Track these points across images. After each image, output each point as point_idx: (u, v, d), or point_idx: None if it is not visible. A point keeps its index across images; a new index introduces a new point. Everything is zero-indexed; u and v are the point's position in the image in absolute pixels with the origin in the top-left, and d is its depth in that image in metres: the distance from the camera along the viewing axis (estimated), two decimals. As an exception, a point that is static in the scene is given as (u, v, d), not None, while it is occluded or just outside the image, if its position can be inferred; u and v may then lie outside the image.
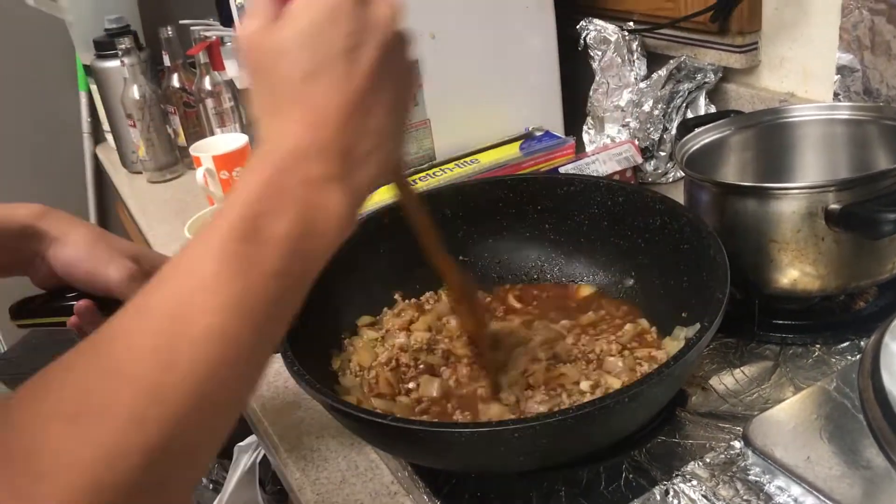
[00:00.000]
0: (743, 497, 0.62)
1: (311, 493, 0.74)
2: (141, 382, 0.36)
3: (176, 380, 0.37)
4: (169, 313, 0.39)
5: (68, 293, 0.70)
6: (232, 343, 0.39)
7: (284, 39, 0.46)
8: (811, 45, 1.09)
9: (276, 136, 0.46)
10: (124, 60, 1.51)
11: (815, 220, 0.75)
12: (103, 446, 0.34)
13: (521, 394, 0.74)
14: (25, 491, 0.33)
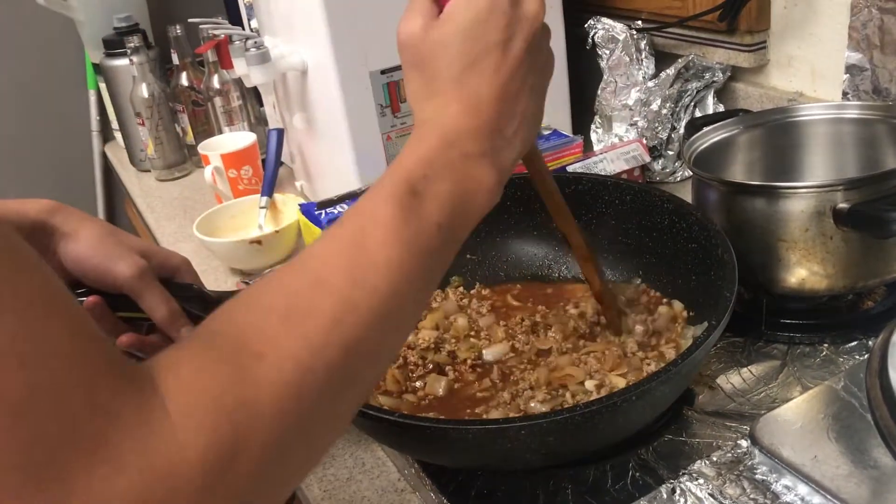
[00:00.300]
0: (750, 496, 0.62)
1: (317, 489, 0.75)
2: (338, 292, 0.43)
3: (364, 295, 0.43)
4: (354, 242, 0.45)
5: (78, 289, 0.71)
6: (405, 273, 0.45)
7: (446, 34, 0.52)
8: (820, 44, 1.09)
9: (436, 117, 0.52)
10: (133, 59, 1.52)
11: (824, 220, 0.75)
12: (309, 338, 0.40)
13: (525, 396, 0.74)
14: (249, 367, 0.38)
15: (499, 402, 0.74)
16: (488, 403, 0.75)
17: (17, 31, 1.96)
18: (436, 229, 0.48)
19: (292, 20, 1.19)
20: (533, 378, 0.76)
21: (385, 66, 1.13)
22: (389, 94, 1.15)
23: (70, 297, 0.34)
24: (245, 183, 1.35)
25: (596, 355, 0.77)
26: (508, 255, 0.94)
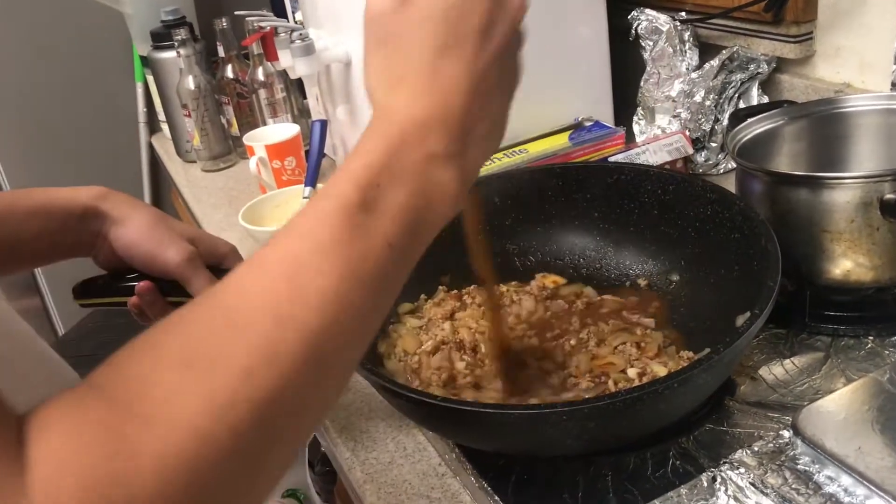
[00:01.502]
0: (791, 486, 0.62)
1: (360, 473, 0.76)
2: (255, 337, 0.37)
3: (289, 337, 0.37)
4: (285, 273, 0.39)
5: (129, 274, 0.73)
6: (345, 306, 0.40)
7: (423, 12, 0.47)
8: (869, 34, 1.07)
9: (399, 107, 0.46)
10: (180, 51, 1.54)
11: (870, 210, 0.75)
12: (212, 396, 0.34)
13: (566, 383, 0.75)
14: (131, 435, 0.32)
15: (542, 387, 0.74)
16: (530, 390, 0.75)
17: (67, 25, 2.01)
18: (387, 250, 0.42)
19: (336, 12, 1.21)
20: (574, 366, 0.76)
21: (428, 58, 1.14)
22: (432, 85, 1.16)
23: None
24: (289, 174, 1.37)
25: (634, 343, 0.77)
26: (549, 245, 0.94)
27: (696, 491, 0.63)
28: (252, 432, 0.35)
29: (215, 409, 0.34)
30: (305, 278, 0.39)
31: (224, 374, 0.35)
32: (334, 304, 0.39)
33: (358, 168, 0.44)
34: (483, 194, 0.92)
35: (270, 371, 0.36)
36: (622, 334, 0.80)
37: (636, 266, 0.90)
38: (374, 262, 0.41)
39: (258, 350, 0.36)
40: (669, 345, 0.78)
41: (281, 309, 0.38)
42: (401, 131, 0.45)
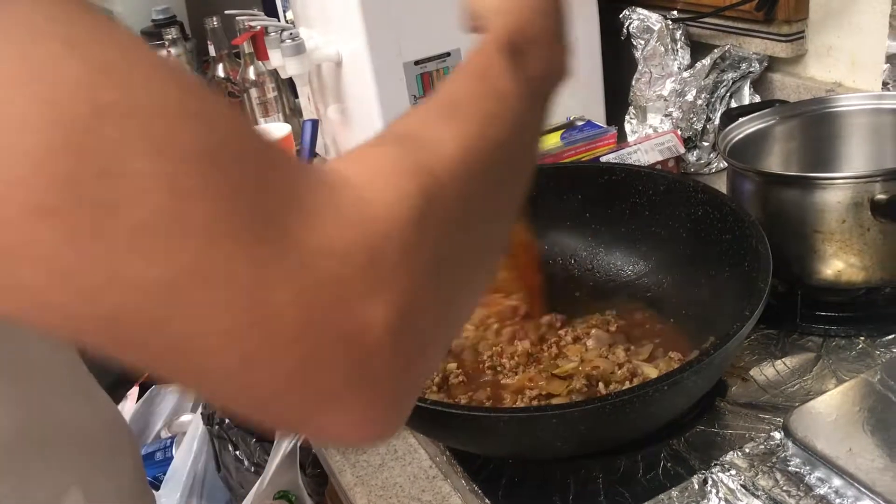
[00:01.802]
0: (782, 487, 0.62)
1: (350, 475, 0.76)
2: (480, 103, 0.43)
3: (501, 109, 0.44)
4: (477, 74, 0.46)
5: None
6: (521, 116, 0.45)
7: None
8: (860, 33, 1.07)
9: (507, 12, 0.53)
10: (171, 51, 1.54)
11: (861, 211, 0.74)
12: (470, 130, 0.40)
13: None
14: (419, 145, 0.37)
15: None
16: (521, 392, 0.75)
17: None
18: (536, 84, 0.49)
19: (327, 11, 1.20)
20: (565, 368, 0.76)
21: (419, 57, 1.14)
22: (423, 84, 1.15)
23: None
24: (280, 173, 1.36)
25: (624, 347, 0.77)
26: (540, 246, 0.94)
27: (688, 493, 0.63)
28: (496, 165, 0.41)
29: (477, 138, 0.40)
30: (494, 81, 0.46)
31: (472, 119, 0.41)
32: (514, 108, 0.45)
33: (502, 32, 0.50)
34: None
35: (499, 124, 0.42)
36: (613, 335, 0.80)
37: (627, 267, 0.90)
38: (528, 89, 0.47)
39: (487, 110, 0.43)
40: (660, 346, 0.78)
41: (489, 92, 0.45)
42: (519, 15, 0.52)
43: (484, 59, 0.48)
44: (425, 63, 1.14)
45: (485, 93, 0.45)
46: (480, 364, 0.80)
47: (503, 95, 0.45)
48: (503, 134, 0.43)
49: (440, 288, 0.34)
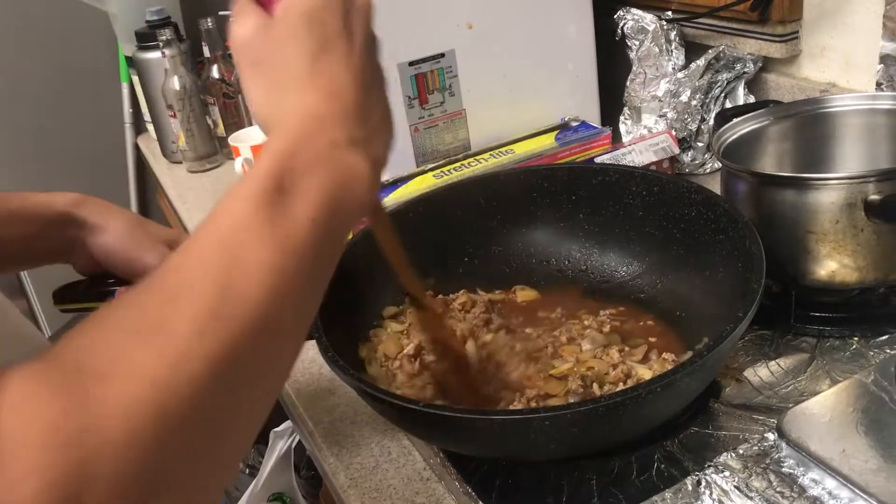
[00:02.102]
0: (776, 489, 0.62)
1: (344, 477, 0.75)
2: (199, 304, 0.37)
3: (234, 303, 0.38)
4: (218, 250, 0.40)
5: (109, 279, 0.72)
6: (284, 275, 0.41)
7: (288, 27, 0.50)
8: (853, 33, 1.07)
9: (294, 110, 0.48)
10: (165, 52, 1.53)
11: (855, 211, 0.74)
12: (165, 354, 0.35)
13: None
14: (91, 389, 0.32)
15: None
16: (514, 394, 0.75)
17: (50, 25, 1.99)
18: (311, 226, 0.43)
19: (321, 12, 1.20)
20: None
21: (413, 58, 1.14)
22: (417, 85, 1.15)
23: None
24: (274, 174, 1.36)
25: (618, 348, 0.77)
26: (534, 247, 0.94)
27: (681, 495, 0.63)
28: (211, 386, 0.35)
29: (170, 363, 0.34)
30: (240, 253, 0.40)
31: (174, 336, 0.36)
32: (273, 273, 0.40)
33: (268, 160, 0.45)
34: (468, 195, 0.92)
35: (220, 332, 0.37)
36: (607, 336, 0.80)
37: (621, 267, 0.90)
38: (302, 236, 0.42)
39: (204, 314, 0.37)
40: (654, 347, 0.78)
41: (221, 278, 0.38)
42: (300, 125, 0.47)
43: (237, 212, 0.42)
44: (420, 64, 1.14)
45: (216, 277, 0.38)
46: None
47: (248, 272, 0.39)
48: (226, 342, 0.36)
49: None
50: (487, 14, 1.17)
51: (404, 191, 1.10)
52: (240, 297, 0.38)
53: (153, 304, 0.37)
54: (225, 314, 0.37)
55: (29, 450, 0.29)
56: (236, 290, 0.38)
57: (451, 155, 1.21)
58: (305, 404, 0.86)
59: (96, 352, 0.35)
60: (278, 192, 0.43)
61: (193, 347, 0.35)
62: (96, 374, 0.33)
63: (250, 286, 0.39)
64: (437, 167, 1.16)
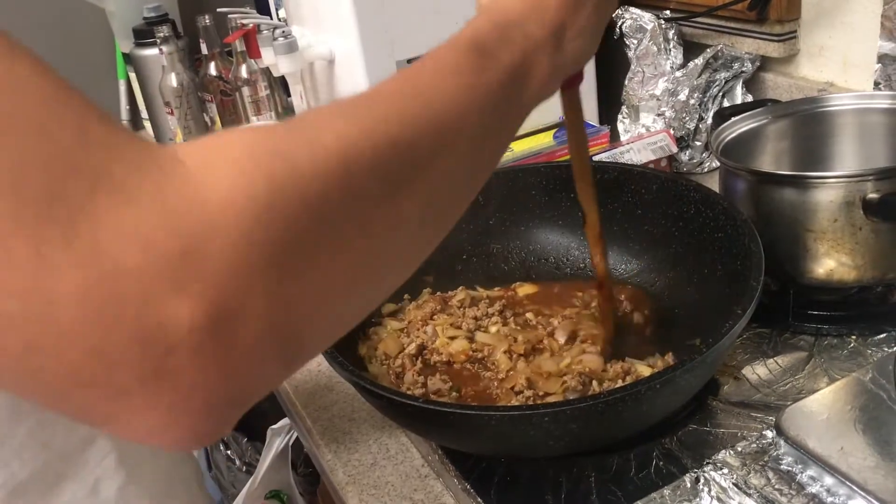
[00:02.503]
0: (775, 486, 0.62)
1: (342, 474, 0.75)
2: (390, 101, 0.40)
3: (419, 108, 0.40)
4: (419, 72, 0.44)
5: None
6: (467, 107, 0.43)
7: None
8: (852, 33, 1.07)
9: (501, 6, 0.51)
10: (162, 49, 1.53)
11: (853, 210, 0.75)
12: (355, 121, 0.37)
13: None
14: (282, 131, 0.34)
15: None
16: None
17: (47, 21, 1.98)
18: (496, 85, 0.46)
19: (320, 9, 1.20)
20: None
21: (411, 55, 1.14)
22: (416, 83, 1.15)
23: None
24: (272, 172, 1.35)
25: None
26: (533, 245, 0.94)
27: (680, 492, 0.63)
28: (389, 163, 0.37)
29: (359, 128, 0.36)
30: (435, 76, 0.43)
31: (363, 113, 0.38)
32: (457, 101, 0.43)
33: (471, 30, 0.48)
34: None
35: (404, 124, 0.39)
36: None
37: (620, 265, 0.90)
38: (485, 91, 0.45)
39: (393, 108, 0.39)
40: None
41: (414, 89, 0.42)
42: (506, 13, 0.50)
43: (441, 53, 0.46)
44: (418, 61, 1.14)
45: (412, 87, 0.42)
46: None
47: (438, 92, 0.42)
48: (407, 133, 0.38)
49: (282, 290, 0.30)
50: (486, 12, 1.17)
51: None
52: (425, 105, 0.41)
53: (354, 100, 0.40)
54: (410, 113, 0.40)
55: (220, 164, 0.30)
56: (423, 100, 0.41)
57: (450, 153, 1.20)
58: (303, 401, 0.86)
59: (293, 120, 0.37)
60: (480, 53, 0.46)
61: (379, 127, 0.37)
62: (288, 126, 0.35)
63: (438, 101, 0.42)
64: (435, 165, 1.16)
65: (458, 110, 0.43)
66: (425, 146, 0.40)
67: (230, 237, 0.28)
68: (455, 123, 0.43)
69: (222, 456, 1.39)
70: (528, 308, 0.86)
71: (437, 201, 0.42)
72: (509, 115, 0.49)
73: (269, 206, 0.29)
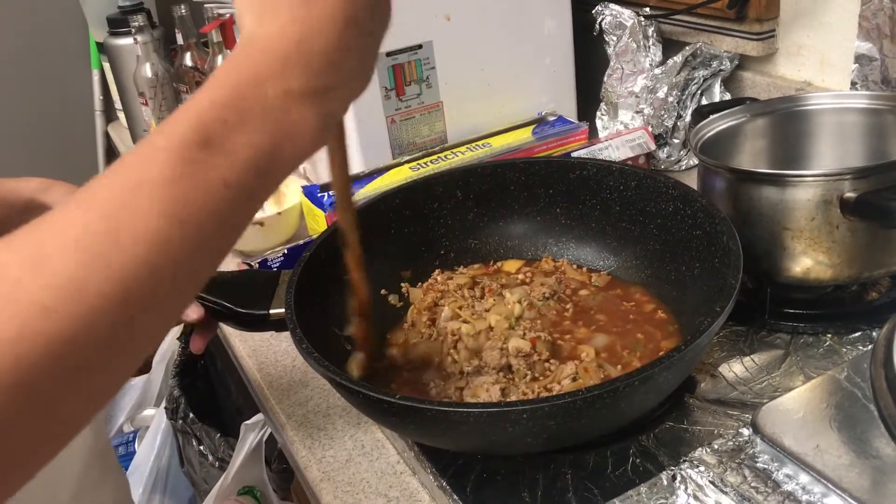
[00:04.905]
0: (751, 484, 0.62)
1: (316, 471, 0.74)
2: (58, 273, 0.35)
3: (94, 276, 0.35)
4: (103, 211, 0.37)
5: None
6: (165, 247, 0.37)
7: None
8: (830, 33, 1.08)
9: (264, 35, 0.44)
10: (137, 38, 1.51)
11: (830, 209, 0.75)
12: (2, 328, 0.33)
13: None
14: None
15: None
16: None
17: (20, 9, 1.95)
18: (222, 190, 0.39)
19: (298, 1, 1.18)
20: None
21: (391, 49, 1.13)
22: (395, 76, 1.14)
23: None
24: (248, 164, 1.34)
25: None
26: (511, 241, 0.94)
27: (656, 489, 0.63)
28: (43, 368, 0.33)
29: (6, 341, 0.32)
30: (122, 216, 0.37)
31: (17, 308, 0.33)
32: (151, 244, 0.37)
33: (204, 102, 0.41)
34: (445, 188, 0.92)
35: (71, 309, 0.34)
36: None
37: (598, 262, 0.90)
38: (205, 203, 0.39)
39: (59, 287, 0.34)
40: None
41: (90, 246, 0.35)
42: (259, 63, 0.42)
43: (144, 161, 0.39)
44: (397, 55, 1.13)
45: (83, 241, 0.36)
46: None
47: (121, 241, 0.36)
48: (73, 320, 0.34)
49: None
50: (466, 6, 1.16)
51: (380, 183, 1.09)
52: (104, 271, 0.35)
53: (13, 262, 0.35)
54: (81, 289, 0.35)
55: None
56: (102, 263, 0.35)
57: (428, 147, 1.20)
58: (277, 397, 0.85)
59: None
60: (199, 145, 0.39)
61: (33, 325, 0.33)
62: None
63: (120, 258, 0.36)
64: (413, 159, 1.15)
65: (161, 242, 0.37)
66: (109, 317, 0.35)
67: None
68: (150, 272, 0.37)
69: (195, 451, 1.38)
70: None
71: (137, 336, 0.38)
72: (253, 200, 0.42)
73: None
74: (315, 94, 0.43)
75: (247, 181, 0.40)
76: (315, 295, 0.76)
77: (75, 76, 2.02)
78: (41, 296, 0.34)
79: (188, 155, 0.39)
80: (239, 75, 0.42)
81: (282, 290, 0.75)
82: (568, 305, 0.84)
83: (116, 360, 0.37)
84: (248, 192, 0.41)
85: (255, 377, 0.89)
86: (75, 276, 0.35)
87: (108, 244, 0.36)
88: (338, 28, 0.44)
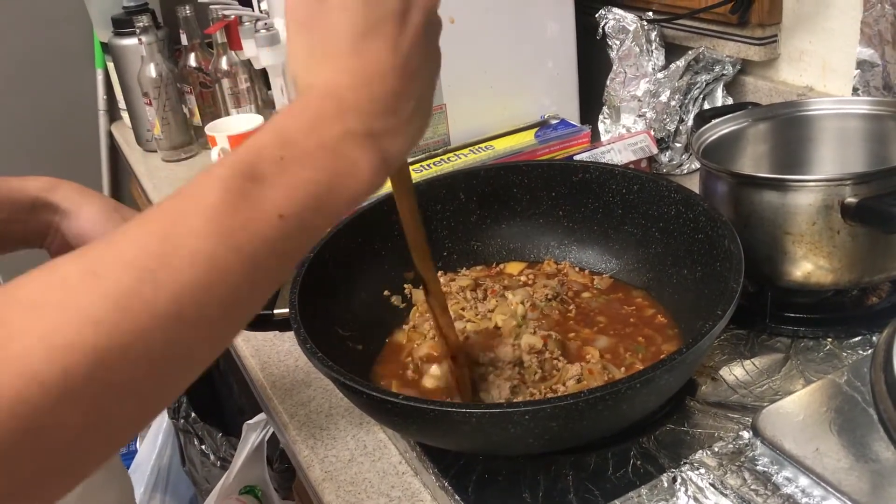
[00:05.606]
0: (750, 486, 0.62)
1: (319, 470, 0.75)
2: (111, 287, 0.36)
3: (147, 292, 0.36)
4: (160, 230, 0.38)
5: None
6: (218, 272, 0.38)
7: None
8: (832, 38, 1.08)
9: (321, 82, 0.46)
10: (142, 38, 1.51)
11: (831, 214, 0.75)
12: (50, 337, 0.34)
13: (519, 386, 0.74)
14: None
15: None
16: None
17: (25, 9, 1.96)
18: (276, 222, 0.41)
19: (302, 2, 1.19)
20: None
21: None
22: (398, 79, 1.15)
23: None
24: (251, 165, 1.34)
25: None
26: (514, 243, 0.94)
27: (657, 491, 0.63)
28: (90, 379, 0.34)
29: (50, 351, 0.33)
30: (179, 238, 0.38)
31: (68, 316, 0.34)
32: (204, 267, 0.38)
33: (265, 138, 0.43)
34: (448, 190, 0.92)
35: (121, 322, 0.35)
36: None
37: (599, 265, 0.90)
38: (258, 233, 0.40)
39: (111, 300, 0.35)
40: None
41: (146, 263, 0.37)
42: (319, 106, 0.45)
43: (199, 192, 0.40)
44: (401, 57, 1.14)
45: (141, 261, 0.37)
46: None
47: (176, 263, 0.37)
48: (124, 338, 0.35)
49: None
50: (470, 9, 1.17)
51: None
52: (157, 288, 0.36)
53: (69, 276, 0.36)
54: (133, 305, 0.36)
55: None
56: (156, 280, 0.36)
57: (431, 149, 1.20)
58: (280, 396, 0.86)
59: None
60: (254, 177, 0.41)
61: (83, 337, 0.34)
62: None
63: (174, 277, 0.37)
64: (416, 161, 1.16)
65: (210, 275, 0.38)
66: (157, 333, 0.36)
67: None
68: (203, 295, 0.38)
69: (196, 451, 1.38)
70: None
71: (184, 355, 0.39)
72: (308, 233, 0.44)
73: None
74: (372, 135, 0.45)
75: (301, 214, 0.42)
76: (319, 295, 0.77)
77: (79, 76, 2.03)
78: (93, 308, 0.35)
79: (244, 185, 0.40)
80: (296, 119, 0.44)
81: (286, 289, 0.76)
82: (570, 307, 0.84)
83: (166, 378, 0.39)
84: (302, 225, 0.42)
85: (258, 377, 0.90)
86: (127, 293, 0.36)
87: (162, 264, 0.37)
88: (388, 77, 0.46)
